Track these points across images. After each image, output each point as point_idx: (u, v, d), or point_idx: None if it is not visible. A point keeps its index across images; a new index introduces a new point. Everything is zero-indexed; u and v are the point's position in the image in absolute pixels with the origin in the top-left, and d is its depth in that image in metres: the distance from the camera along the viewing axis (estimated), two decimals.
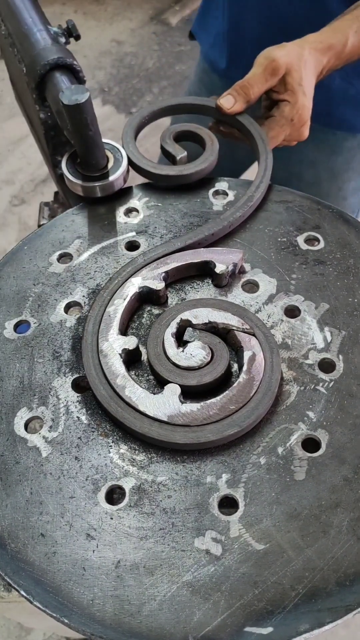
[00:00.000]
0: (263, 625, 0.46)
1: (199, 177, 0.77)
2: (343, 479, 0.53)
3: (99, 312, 0.62)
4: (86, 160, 0.72)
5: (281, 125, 0.82)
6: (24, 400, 0.59)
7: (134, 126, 0.80)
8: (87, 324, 0.62)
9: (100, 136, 0.71)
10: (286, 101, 0.81)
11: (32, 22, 0.80)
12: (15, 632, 1.52)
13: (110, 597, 0.48)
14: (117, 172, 0.74)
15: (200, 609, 0.47)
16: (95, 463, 0.55)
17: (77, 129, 0.68)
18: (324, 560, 0.49)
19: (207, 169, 0.77)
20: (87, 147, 0.70)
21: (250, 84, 0.79)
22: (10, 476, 0.54)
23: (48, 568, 0.50)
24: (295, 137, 0.86)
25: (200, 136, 0.80)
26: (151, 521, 0.52)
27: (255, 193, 0.73)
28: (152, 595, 0.48)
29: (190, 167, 0.76)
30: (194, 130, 0.80)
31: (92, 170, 0.74)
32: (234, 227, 0.72)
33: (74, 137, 0.70)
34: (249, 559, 0.49)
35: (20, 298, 0.67)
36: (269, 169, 0.76)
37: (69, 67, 0.75)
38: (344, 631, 1.35)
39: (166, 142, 0.79)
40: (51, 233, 0.74)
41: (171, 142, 0.79)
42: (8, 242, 2.35)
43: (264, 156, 0.77)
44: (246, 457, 0.55)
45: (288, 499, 0.52)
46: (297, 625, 0.46)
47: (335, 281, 0.67)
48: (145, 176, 0.78)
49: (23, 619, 1.13)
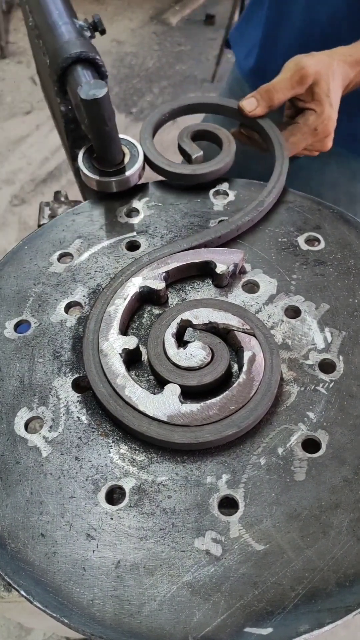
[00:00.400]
0: (263, 626, 0.46)
1: (214, 177, 0.77)
2: (343, 479, 0.53)
3: (101, 311, 0.62)
4: (102, 155, 0.73)
5: (304, 132, 0.81)
6: (24, 400, 0.59)
7: (153, 123, 0.80)
8: (89, 322, 0.62)
9: (117, 132, 0.71)
10: (312, 110, 0.81)
11: (58, 14, 0.80)
12: (15, 632, 1.52)
13: (110, 597, 0.48)
14: (133, 168, 0.74)
15: (200, 610, 0.47)
16: (96, 463, 0.55)
17: (94, 123, 0.68)
18: (324, 560, 0.49)
19: (223, 169, 0.77)
20: (104, 142, 0.70)
21: (276, 89, 0.78)
22: (10, 476, 0.54)
23: (48, 568, 0.50)
24: (318, 148, 0.85)
25: (218, 136, 0.80)
26: (151, 521, 0.52)
27: (267, 198, 0.73)
28: (152, 595, 0.48)
29: (205, 167, 0.76)
30: (212, 130, 0.80)
31: (108, 165, 0.74)
32: (242, 231, 0.72)
33: (91, 132, 0.70)
34: (249, 559, 0.49)
35: (21, 298, 0.67)
36: (284, 174, 0.75)
37: (92, 61, 0.75)
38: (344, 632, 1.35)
39: (183, 140, 0.79)
40: (52, 233, 0.74)
41: (188, 141, 0.79)
42: (8, 242, 2.35)
43: (280, 161, 0.77)
44: (246, 457, 0.55)
45: (288, 500, 0.52)
46: (297, 626, 0.46)
47: (336, 282, 0.67)
48: (160, 173, 0.77)
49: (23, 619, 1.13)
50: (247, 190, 0.78)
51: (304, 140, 0.82)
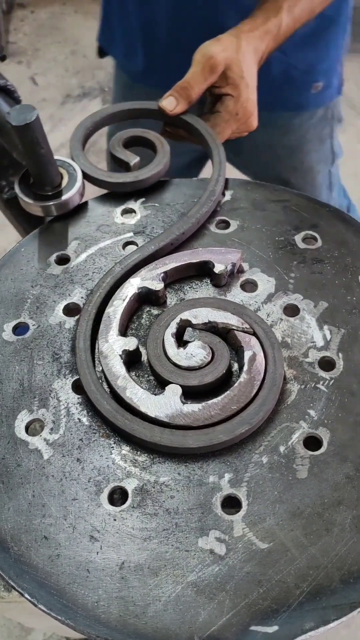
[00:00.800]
0: (268, 624, 0.46)
1: (155, 180, 0.77)
2: (345, 476, 0.53)
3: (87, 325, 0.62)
4: (40, 180, 0.72)
5: (226, 120, 0.81)
6: (24, 403, 0.59)
7: (80, 138, 0.79)
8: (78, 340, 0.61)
9: (52, 153, 0.70)
10: (229, 95, 0.80)
11: None
12: (15, 632, 1.51)
13: (115, 599, 0.48)
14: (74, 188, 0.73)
15: (206, 609, 0.47)
16: (97, 464, 0.55)
17: (28, 148, 0.67)
18: (328, 558, 0.49)
19: (162, 171, 0.77)
20: (41, 165, 0.69)
21: (190, 84, 0.78)
22: (12, 479, 0.54)
23: (52, 571, 0.49)
24: (244, 129, 0.85)
25: (149, 140, 0.80)
26: (154, 522, 0.51)
27: (215, 187, 0.74)
28: (156, 596, 0.48)
29: (145, 172, 0.76)
30: (141, 134, 0.80)
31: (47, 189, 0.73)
32: (202, 222, 0.72)
33: (26, 158, 0.69)
34: (253, 558, 0.49)
35: (19, 300, 0.67)
36: (223, 162, 0.76)
37: (3, 89, 0.73)
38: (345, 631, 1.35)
39: (116, 149, 0.78)
40: (48, 234, 0.74)
41: (121, 149, 0.78)
42: (8, 242, 2.33)
43: (215, 151, 0.78)
44: (248, 456, 0.55)
45: (291, 498, 0.52)
46: (302, 624, 0.46)
47: (334, 279, 0.67)
48: (100, 186, 0.77)
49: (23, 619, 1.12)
50: (244, 190, 0.78)
51: (229, 128, 0.82)
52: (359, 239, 0.71)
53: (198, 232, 0.72)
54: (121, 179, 0.75)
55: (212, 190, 0.74)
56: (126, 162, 0.77)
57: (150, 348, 0.60)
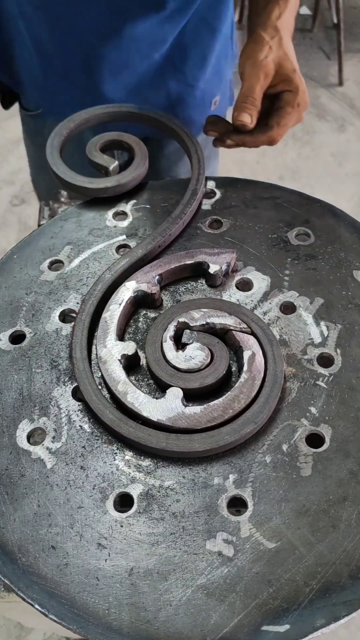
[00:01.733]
0: (280, 623, 0.47)
1: (137, 183, 0.77)
2: (349, 472, 0.53)
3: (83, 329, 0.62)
4: None
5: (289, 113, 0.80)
6: (24, 412, 0.59)
7: (57, 146, 0.78)
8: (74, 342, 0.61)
9: None
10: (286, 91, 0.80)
11: None
12: (15, 632, 1.51)
13: (125, 605, 0.48)
14: None
15: (217, 611, 0.47)
16: (102, 471, 0.55)
17: None
18: (336, 554, 0.49)
19: (143, 173, 0.77)
20: None
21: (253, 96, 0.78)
22: (16, 490, 0.54)
23: (61, 580, 0.49)
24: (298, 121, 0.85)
25: (126, 143, 0.79)
26: (161, 526, 0.51)
27: (197, 186, 0.74)
28: (167, 600, 0.48)
29: (127, 175, 0.75)
30: (117, 138, 0.80)
31: None
32: (187, 222, 0.73)
33: None
34: (261, 558, 0.49)
35: (14, 308, 0.67)
36: (202, 159, 0.77)
37: None
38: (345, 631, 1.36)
39: (94, 154, 0.78)
40: (40, 240, 0.73)
41: (99, 154, 0.78)
42: (8, 242, 2.32)
43: (193, 149, 0.78)
44: (252, 456, 0.55)
45: (296, 496, 0.52)
46: (313, 621, 0.47)
47: (328, 275, 0.67)
48: (82, 193, 0.76)
49: (23, 619, 1.12)
50: (233, 188, 0.78)
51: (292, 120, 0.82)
52: (351, 234, 0.71)
53: (190, 232, 0.72)
54: (102, 184, 0.75)
55: (194, 189, 0.74)
56: (105, 167, 0.77)
57: (148, 352, 0.60)
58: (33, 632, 1.50)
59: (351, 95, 2.92)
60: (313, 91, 2.95)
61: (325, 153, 2.66)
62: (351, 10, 3.30)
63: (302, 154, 2.65)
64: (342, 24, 2.88)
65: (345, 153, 2.67)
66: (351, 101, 2.89)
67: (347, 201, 2.41)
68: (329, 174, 2.57)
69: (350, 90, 2.95)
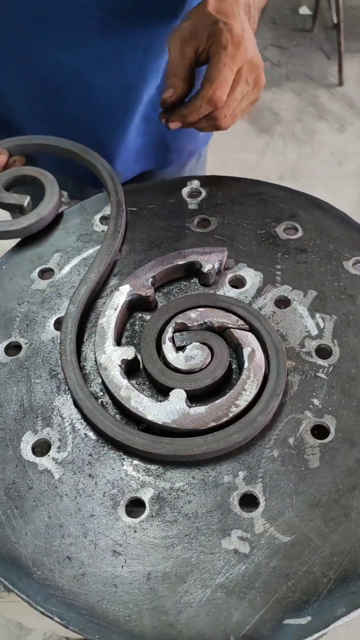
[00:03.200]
0: (301, 616, 0.47)
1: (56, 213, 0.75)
2: (356, 460, 0.54)
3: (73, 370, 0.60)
4: None
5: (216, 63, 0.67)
6: (27, 424, 0.58)
7: None
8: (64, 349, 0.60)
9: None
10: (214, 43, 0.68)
11: None
12: (15, 632, 1.50)
13: (146, 611, 0.48)
14: None
15: (238, 609, 0.47)
16: (110, 478, 0.54)
17: None
18: (350, 543, 0.50)
19: (59, 201, 0.74)
20: None
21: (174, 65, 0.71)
22: (25, 503, 0.53)
23: (79, 590, 0.49)
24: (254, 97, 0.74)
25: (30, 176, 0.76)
26: (175, 528, 0.51)
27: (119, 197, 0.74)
28: (187, 602, 0.48)
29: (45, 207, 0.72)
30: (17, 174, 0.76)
31: None
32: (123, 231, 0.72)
33: None
34: (277, 552, 0.50)
35: (7, 320, 0.66)
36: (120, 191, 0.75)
37: None
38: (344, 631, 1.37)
39: (1, 196, 0.74)
40: (28, 249, 0.73)
41: (7, 194, 0.74)
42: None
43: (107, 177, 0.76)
44: (259, 452, 0.55)
45: (306, 488, 0.53)
46: (333, 610, 0.47)
47: (319, 267, 0.68)
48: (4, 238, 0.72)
49: (23, 619, 1.11)
50: (218, 186, 0.78)
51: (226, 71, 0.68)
52: (338, 225, 0.72)
53: (179, 232, 0.72)
54: (26, 223, 0.72)
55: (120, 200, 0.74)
56: (19, 205, 0.74)
57: (146, 358, 0.59)
58: (33, 632, 1.49)
59: (351, 95, 2.93)
60: (313, 91, 2.95)
61: (325, 153, 2.67)
62: (351, 10, 3.29)
63: (302, 154, 2.65)
64: (342, 24, 2.87)
65: (345, 153, 2.68)
66: (351, 101, 2.91)
67: (347, 201, 2.40)
68: (329, 174, 2.57)
69: (350, 90, 2.97)
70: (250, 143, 2.68)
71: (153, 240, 0.72)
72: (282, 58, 3.16)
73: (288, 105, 2.88)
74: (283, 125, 2.76)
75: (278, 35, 3.30)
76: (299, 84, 3.01)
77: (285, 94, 2.94)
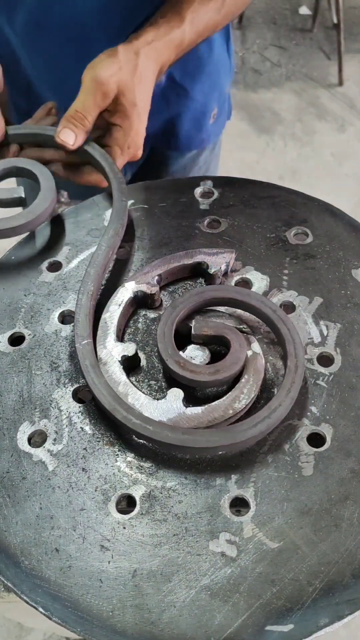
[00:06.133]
0: (284, 623, 0.47)
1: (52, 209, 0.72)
2: (350, 471, 0.54)
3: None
4: None
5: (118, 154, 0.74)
6: (25, 414, 0.58)
7: None
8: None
9: None
10: (118, 126, 0.73)
11: None
12: (15, 632, 1.51)
13: (129, 607, 0.48)
14: None
15: (221, 612, 0.47)
16: (103, 473, 0.55)
17: None
18: (338, 553, 0.49)
19: (54, 196, 0.72)
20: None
21: (84, 113, 0.70)
22: (18, 492, 0.54)
23: (64, 583, 0.49)
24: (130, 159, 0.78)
25: (25, 169, 0.73)
26: (164, 527, 0.51)
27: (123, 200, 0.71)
28: (171, 601, 0.48)
29: (38, 206, 0.69)
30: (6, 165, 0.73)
31: None
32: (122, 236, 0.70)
33: None
34: (264, 558, 0.50)
35: (13, 310, 0.66)
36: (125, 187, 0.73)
37: None
38: (344, 631, 1.37)
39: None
40: (38, 241, 0.73)
41: (4, 190, 0.71)
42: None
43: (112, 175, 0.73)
44: (253, 456, 0.55)
45: (298, 495, 0.52)
46: (317, 620, 0.47)
47: (327, 274, 0.67)
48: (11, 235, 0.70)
49: (23, 619, 1.12)
50: (231, 187, 0.78)
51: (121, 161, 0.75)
52: (349, 233, 0.71)
53: (189, 232, 0.72)
54: (23, 220, 0.69)
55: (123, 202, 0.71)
56: (17, 199, 0.71)
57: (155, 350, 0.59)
58: (33, 632, 1.50)
59: (351, 95, 2.93)
60: (313, 91, 2.95)
61: (325, 153, 2.66)
62: (351, 10, 3.30)
63: (302, 154, 2.65)
64: (342, 24, 2.88)
65: (345, 153, 2.68)
66: (351, 101, 2.90)
67: (347, 201, 2.40)
68: (329, 174, 2.57)
69: (350, 90, 2.96)
70: (250, 143, 2.68)
71: (162, 238, 0.72)
72: (282, 58, 3.16)
73: (288, 105, 2.88)
74: (283, 125, 2.75)
75: (278, 35, 3.30)
76: (299, 84, 3.00)
77: (285, 94, 2.93)
